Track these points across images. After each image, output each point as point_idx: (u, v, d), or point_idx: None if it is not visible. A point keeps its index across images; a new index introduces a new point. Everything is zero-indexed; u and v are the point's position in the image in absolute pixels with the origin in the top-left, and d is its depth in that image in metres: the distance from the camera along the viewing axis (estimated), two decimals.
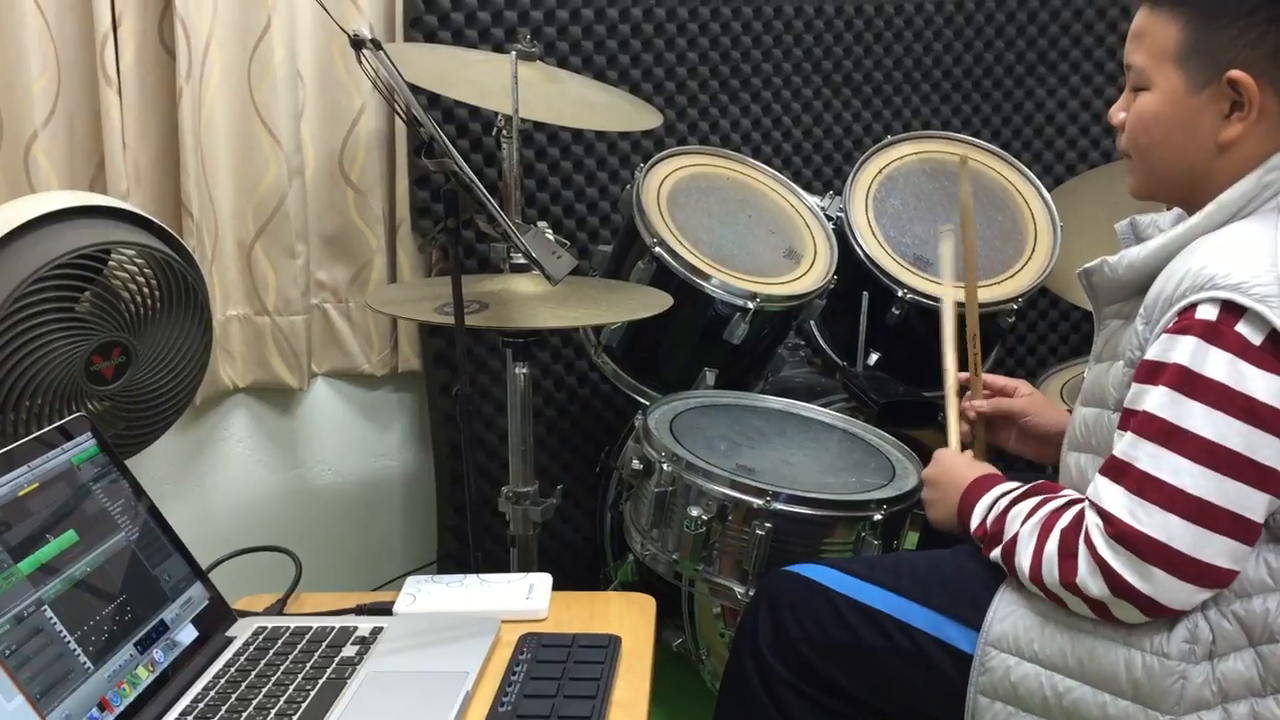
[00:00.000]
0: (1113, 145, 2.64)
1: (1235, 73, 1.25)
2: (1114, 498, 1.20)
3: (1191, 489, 1.17)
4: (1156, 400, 1.20)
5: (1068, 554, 1.23)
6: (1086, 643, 1.27)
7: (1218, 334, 1.17)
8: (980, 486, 1.43)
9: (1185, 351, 1.18)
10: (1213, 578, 1.19)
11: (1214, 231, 1.26)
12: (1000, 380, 1.71)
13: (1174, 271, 1.24)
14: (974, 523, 1.39)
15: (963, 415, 1.67)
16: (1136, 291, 1.32)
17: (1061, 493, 1.34)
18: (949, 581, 1.38)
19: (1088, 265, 1.38)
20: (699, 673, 2.04)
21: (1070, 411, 1.58)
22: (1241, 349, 1.16)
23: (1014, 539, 1.30)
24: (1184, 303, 1.20)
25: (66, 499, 1.18)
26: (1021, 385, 1.70)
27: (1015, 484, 1.40)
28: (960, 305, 1.76)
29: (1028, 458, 1.67)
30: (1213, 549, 1.17)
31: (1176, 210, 1.45)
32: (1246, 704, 1.24)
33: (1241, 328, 1.16)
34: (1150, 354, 1.23)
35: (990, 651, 1.32)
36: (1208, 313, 1.18)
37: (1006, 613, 1.32)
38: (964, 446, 1.65)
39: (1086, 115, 2.64)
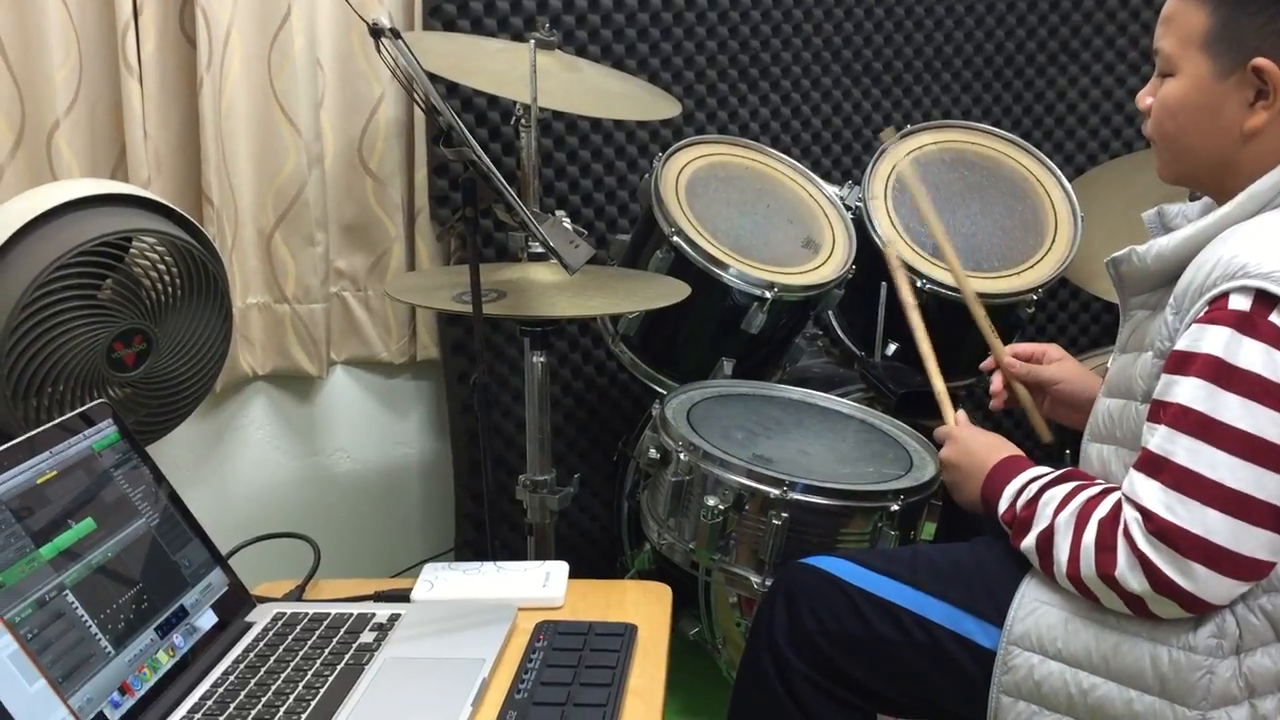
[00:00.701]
0: (1135, 134, 2.63)
1: (1260, 61, 1.24)
2: (1151, 493, 1.19)
3: (1230, 482, 1.15)
4: (1190, 392, 1.18)
5: (1105, 546, 1.22)
6: (1111, 639, 1.26)
7: (1251, 324, 1.16)
8: (1007, 469, 1.42)
9: (1218, 342, 1.17)
10: (1252, 570, 1.18)
11: (1245, 221, 1.25)
12: (1029, 347, 1.71)
13: (1205, 261, 1.23)
14: (1002, 505, 1.37)
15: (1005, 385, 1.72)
16: (1165, 282, 1.30)
17: (1095, 481, 1.33)
18: (967, 575, 1.37)
19: (1115, 255, 1.36)
20: (715, 661, 2.04)
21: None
22: (1275, 339, 1.15)
23: (1050, 530, 1.29)
24: (1215, 292, 1.19)
25: (88, 485, 1.19)
26: (1051, 350, 1.70)
27: (1045, 468, 1.39)
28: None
29: (1060, 423, 1.68)
30: (1252, 542, 1.16)
31: (1204, 200, 1.44)
32: (1274, 699, 1.23)
33: (1275, 318, 1.15)
34: (1180, 344, 1.21)
35: (1013, 650, 1.30)
36: (1240, 302, 1.17)
37: (1029, 610, 1.31)
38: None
39: (1108, 104, 2.62)
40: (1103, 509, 1.25)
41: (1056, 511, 1.29)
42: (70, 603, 1.10)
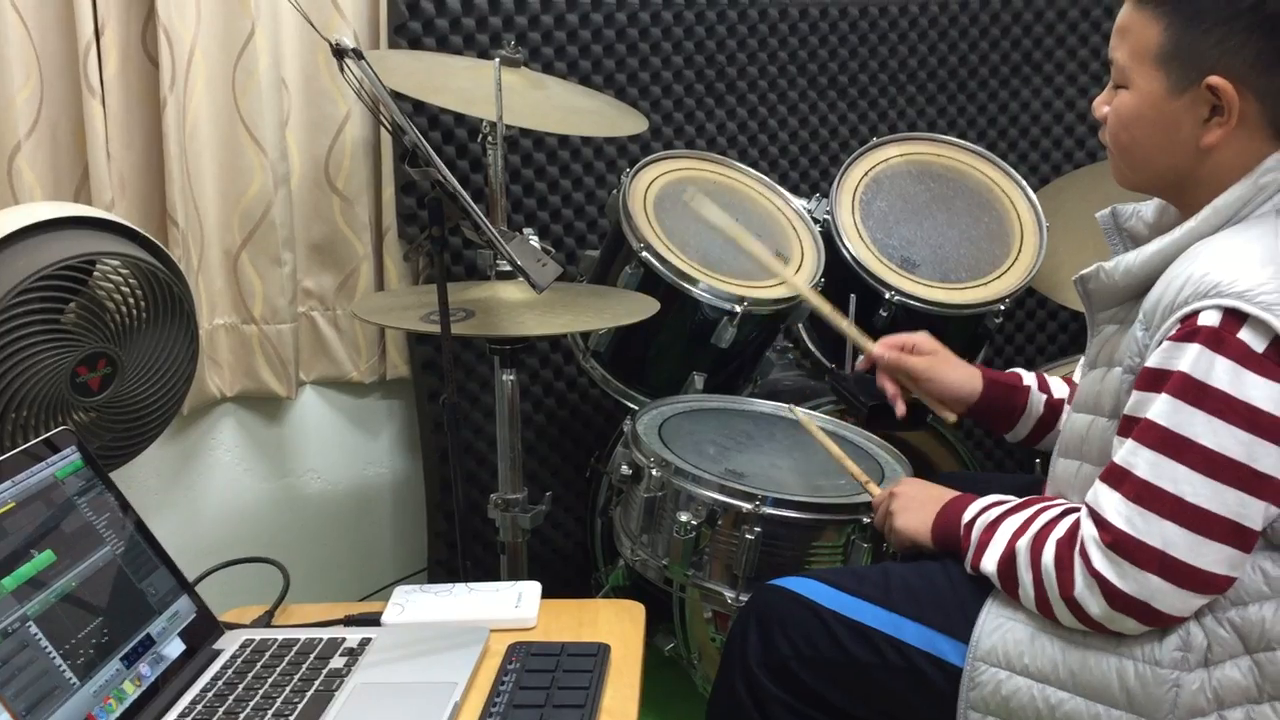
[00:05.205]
0: (1098, 145, 2.64)
1: (1215, 79, 1.24)
2: (1112, 504, 1.20)
3: (1190, 497, 1.16)
4: (1159, 408, 1.19)
5: (1063, 567, 1.23)
6: (1077, 654, 1.26)
7: (1221, 341, 1.16)
8: (966, 498, 1.43)
9: (1189, 359, 1.18)
10: (1209, 584, 1.19)
11: (1212, 236, 1.26)
12: (898, 337, 1.76)
13: (1175, 277, 1.23)
14: (964, 518, 1.38)
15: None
16: (1132, 296, 1.31)
17: (1055, 503, 1.34)
18: (940, 595, 1.37)
19: (1083, 272, 1.37)
20: (690, 677, 2.04)
21: (977, 366, 1.70)
22: (1244, 356, 1.16)
23: (1010, 553, 1.29)
24: (1187, 309, 1.19)
25: (51, 513, 1.18)
26: (922, 341, 1.74)
27: (1006, 496, 1.39)
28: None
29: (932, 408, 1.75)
30: (1211, 556, 1.17)
31: (1157, 200, 1.45)
32: (1242, 710, 1.23)
33: (1244, 334, 1.16)
34: (1152, 361, 1.22)
35: (980, 666, 1.30)
36: (1210, 319, 1.17)
37: (995, 626, 1.31)
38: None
39: (1071, 115, 2.65)
40: (1060, 530, 1.26)
41: (1016, 536, 1.30)
42: (33, 634, 1.08)
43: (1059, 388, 1.69)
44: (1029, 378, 1.71)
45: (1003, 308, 2.11)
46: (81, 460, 1.26)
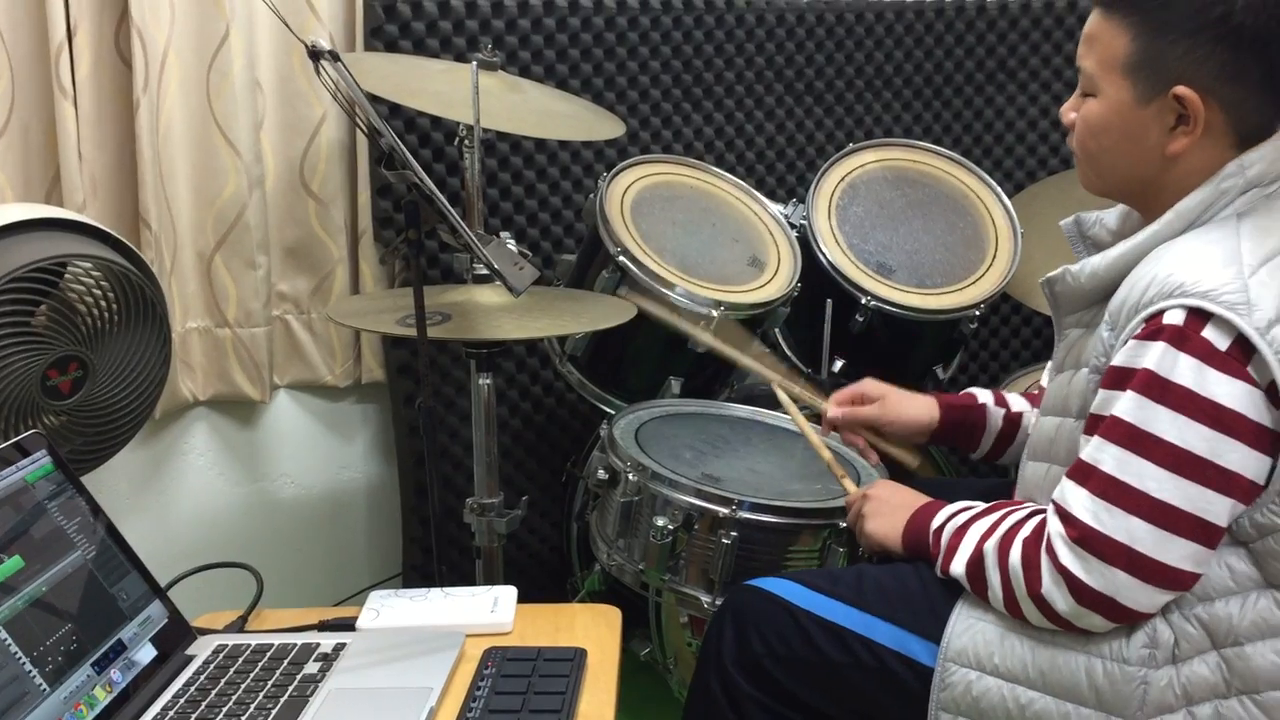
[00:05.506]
0: (1072, 152, 2.67)
1: (1181, 89, 1.26)
2: (1078, 500, 1.21)
3: (1155, 493, 1.18)
4: (1124, 405, 1.21)
5: (1030, 565, 1.25)
6: (1046, 653, 1.27)
7: (1185, 339, 1.18)
8: (935, 504, 1.43)
9: (1153, 357, 1.19)
10: (1175, 580, 1.20)
11: (1175, 239, 1.27)
12: (846, 392, 1.74)
13: (1139, 278, 1.25)
14: (933, 524, 1.39)
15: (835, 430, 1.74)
16: (1098, 299, 1.32)
17: (1022, 506, 1.35)
18: (912, 596, 1.38)
19: (1050, 275, 1.38)
20: (667, 682, 2.03)
21: (933, 395, 1.69)
22: (1207, 354, 1.17)
23: (978, 555, 1.31)
24: (1152, 309, 1.21)
25: (21, 518, 1.16)
26: (869, 387, 1.72)
27: (975, 502, 1.40)
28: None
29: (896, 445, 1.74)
30: (1176, 552, 1.18)
31: (1120, 207, 1.46)
32: (1210, 705, 1.24)
33: (1208, 333, 1.17)
34: (1118, 360, 1.23)
35: (950, 667, 1.31)
36: (1175, 317, 1.19)
37: (965, 627, 1.32)
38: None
39: (1045, 121, 2.66)
40: (1026, 529, 1.27)
41: (984, 538, 1.31)
42: (2, 639, 1.07)
43: (1016, 402, 1.70)
44: (984, 395, 1.72)
45: (978, 313, 2.13)
46: (52, 464, 1.24)
